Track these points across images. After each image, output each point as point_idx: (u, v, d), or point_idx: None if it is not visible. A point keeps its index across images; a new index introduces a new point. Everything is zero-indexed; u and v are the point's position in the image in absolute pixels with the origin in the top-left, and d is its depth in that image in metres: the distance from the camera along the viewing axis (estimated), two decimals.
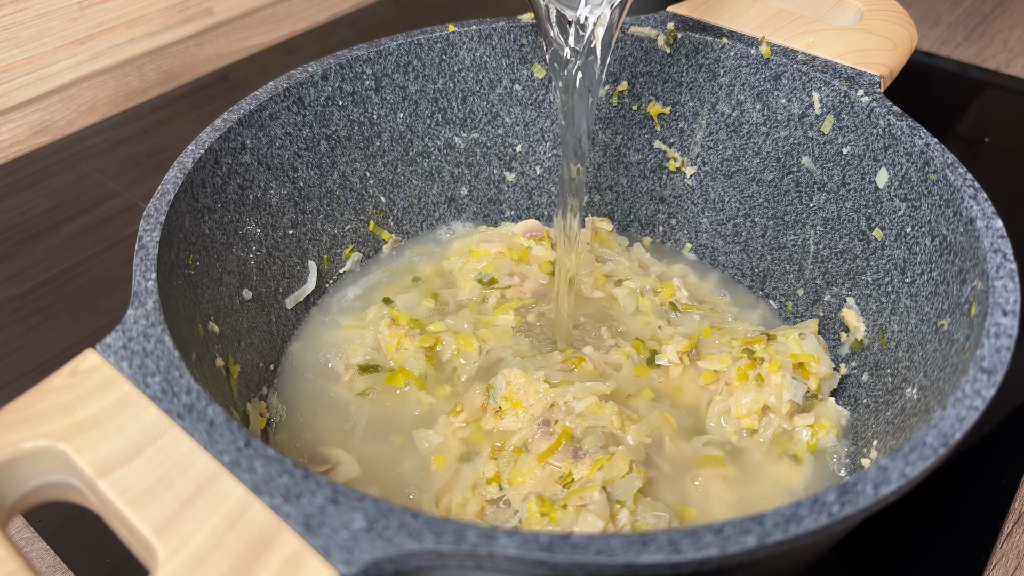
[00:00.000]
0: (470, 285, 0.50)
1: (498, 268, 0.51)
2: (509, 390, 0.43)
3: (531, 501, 0.37)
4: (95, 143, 0.75)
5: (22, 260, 0.62)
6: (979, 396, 0.29)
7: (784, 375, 0.43)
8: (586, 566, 0.24)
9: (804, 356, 0.44)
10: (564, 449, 0.39)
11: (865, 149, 0.45)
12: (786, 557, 0.30)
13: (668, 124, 0.54)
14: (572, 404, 0.42)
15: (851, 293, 0.47)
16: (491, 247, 0.51)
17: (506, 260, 0.51)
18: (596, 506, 0.36)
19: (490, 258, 0.51)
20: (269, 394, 0.45)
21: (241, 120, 0.43)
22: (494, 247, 0.51)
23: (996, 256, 0.35)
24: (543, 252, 0.52)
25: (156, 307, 0.32)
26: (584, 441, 0.40)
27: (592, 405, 0.41)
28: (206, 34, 0.85)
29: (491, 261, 0.51)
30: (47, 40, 0.73)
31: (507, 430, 0.42)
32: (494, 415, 0.43)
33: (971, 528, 0.43)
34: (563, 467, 0.39)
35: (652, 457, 0.41)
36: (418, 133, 0.53)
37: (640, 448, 0.41)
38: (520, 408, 0.42)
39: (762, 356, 0.44)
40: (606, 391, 0.43)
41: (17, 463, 0.27)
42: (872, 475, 0.27)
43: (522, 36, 0.52)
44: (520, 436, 0.41)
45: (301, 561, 0.24)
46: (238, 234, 0.44)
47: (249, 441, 0.27)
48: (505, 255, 0.51)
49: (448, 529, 0.24)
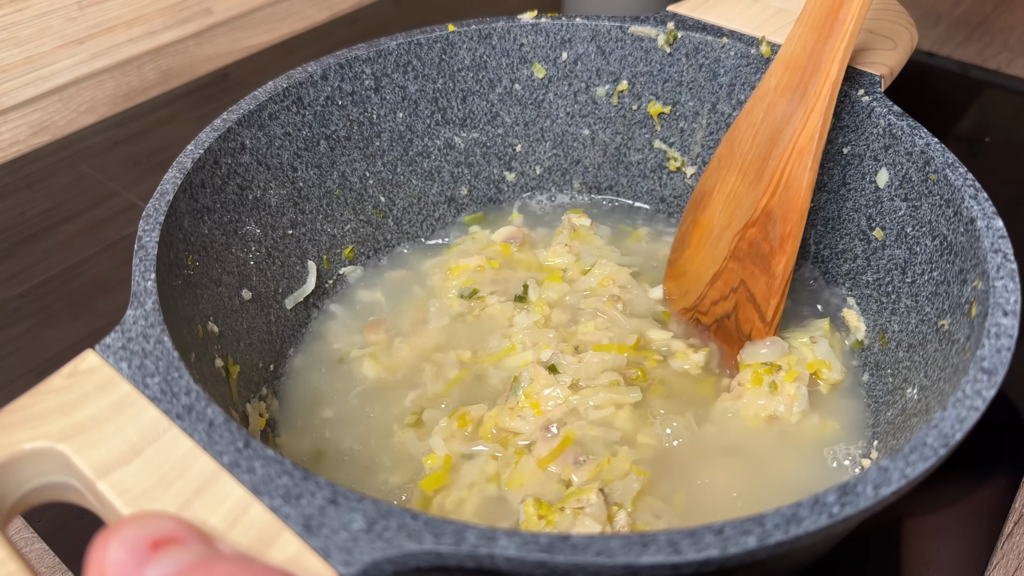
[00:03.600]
0: (456, 302, 0.50)
1: (478, 281, 0.50)
2: (531, 387, 0.42)
3: (528, 504, 0.37)
4: (94, 143, 0.75)
5: (21, 260, 0.62)
6: (979, 397, 0.29)
7: (799, 387, 0.43)
8: (586, 567, 0.24)
9: (817, 363, 0.44)
10: (565, 455, 0.39)
11: (865, 149, 0.45)
12: (786, 557, 0.30)
13: (668, 124, 0.54)
14: (589, 412, 0.41)
15: (851, 293, 0.47)
16: (469, 262, 0.51)
17: (487, 271, 0.51)
18: (593, 509, 0.36)
19: (469, 272, 0.51)
20: (268, 395, 0.45)
21: (240, 120, 0.43)
22: (472, 261, 0.51)
23: (997, 256, 0.34)
24: (525, 256, 0.52)
25: (155, 308, 0.32)
26: (589, 446, 0.40)
27: (609, 415, 0.41)
28: (206, 34, 0.85)
29: (470, 275, 0.51)
30: (46, 40, 0.73)
31: (516, 430, 0.42)
32: (510, 412, 0.42)
33: (971, 528, 0.43)
34: (562, 473, 0.39)
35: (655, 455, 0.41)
36: (418, 133, 0.53)
37: (646, 447, 0.41)
38: (537, 410, 0.42)
39: (779, 364, 0.43)
40: (629, 402, 0.42)
41: (16, 464, 0.27)
42: (872, 476, 0.27)
43: (522, 36, 0.52)
44: (526, 437, 0.41)
45: (301, 562, 0.24)
46: (237, 234, 0.44)
47: (248, 442, 0.27)
48: (485, 267, 0.51)
49: (448, 530, 0.24)
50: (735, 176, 0.45)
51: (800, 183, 0.42)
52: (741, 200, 0.45)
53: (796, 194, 0.42)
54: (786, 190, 0.42)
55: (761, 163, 0.44)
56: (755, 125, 0.44)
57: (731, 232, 0.46)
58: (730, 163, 0.46)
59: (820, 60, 0.41)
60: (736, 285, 0.45)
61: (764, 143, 0.44)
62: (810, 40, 0.41)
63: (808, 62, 0.41)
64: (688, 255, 0.49)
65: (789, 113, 0.42)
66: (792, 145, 0.42)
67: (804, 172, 0.41)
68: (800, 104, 0.42)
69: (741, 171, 0.45)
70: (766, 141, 0.44)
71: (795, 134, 0.42)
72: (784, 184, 0.42)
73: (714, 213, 0.47)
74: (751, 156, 0.44)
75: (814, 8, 0.41)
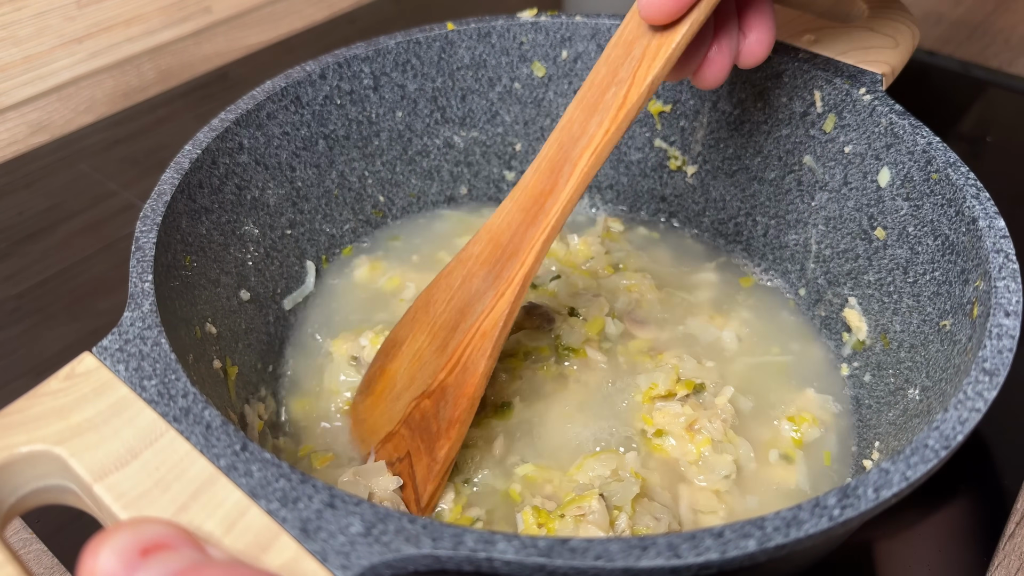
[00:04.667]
0: None
1: None
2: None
3: (527, 513, 0.37)
4: (93, 142, 0.74)
5: (20, 260, 0.61)
6: (981, 398, 0.29)
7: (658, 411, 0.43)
8: (585, 571, 0.24)
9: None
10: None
11: (867, 148, 0.44)
12: (787, 560, 0.30)
13: (669, 122, 0.54)
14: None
15: (853, 293, 0.46)
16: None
17: None
18: (595, 516, 0.36)
19: None
20: (267, 396, 0.45)
21: (238, 120, 0.43)
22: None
23: (998, 256, 0.34)
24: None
25: (153, 309, 0.32)
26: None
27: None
28: (204, 33, 0.84)
29: None
30: (45, 39, 0.72)
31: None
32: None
33: (973, 529, 0.43)
34: None
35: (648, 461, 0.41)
36: (417, 132, 0.53)
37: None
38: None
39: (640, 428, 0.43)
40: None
41: (13, 467, 0.27)
42: (873, 478, 0.26)
43: (521, 34, 0.52)
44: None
45: (298, 566, 0.24)
46: (235, 235, 0.44)
47: (246, 445, 0.27)
48: None
49: (446, 534, 0.24)
50: (425, 336, 0.42)
51: (477, 368, 0.39)
52: (424, 364, 0.42)
53: (471, 378, 0.39)
54: (463, 371, 0.39)
55: (448, 333, 0.41)
56: (452, 288, 0.41)
57: (409, 395, 0.42)
58: (424, 319, 0.42)
59: (520, 245, 0.38)
60: (403, 455, 0.41)
61: (455, 312, 0.41)
62: (516, 219, 0.39)
63: (509, 242, 0.39)
64: (369, 403, 0.44)
65: (483, 290, 0.40)
66: (477, 326, 0.39)
67: (482, 358, 0.38)
68: (493, 285, 0.39)
69: (431, 333, 0.42)
70: (457, 311, 0.41)
71: (482, 315, 0.39)
72: (462, 365, 0.39)
73: (400, 367, 0.43)
74: (442, 321, 0.41)
75: (527, 188, 0.39)
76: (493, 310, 0.38)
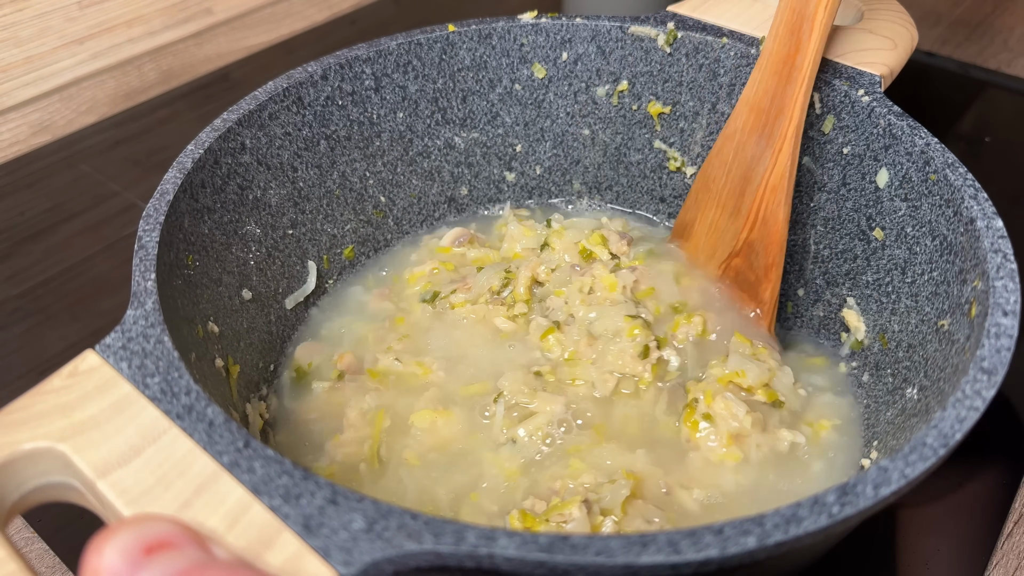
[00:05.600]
0: (419, 307, 0.50)
1: (436, 282, 0.51)
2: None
3: (513, 517, 0.37)
4: (95, 143, 0.75)
5: (21, 260, 0.62)
6: (979, 397, 0.29)
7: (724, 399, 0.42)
8: (585, 567, 0.24)
9: (730, 375, 0.43)
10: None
11: (865, 149, 0.45)
12: (786, 558, 0.30)
13: (668, 124, 0.54)
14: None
15: (851, 293, 0.47)
16: (424, 268, 0.52)
17: (442, 272, 0.52)
18: (575, 524, 0.35)
19: (426, 277, 0.51)
20: (269, 394, 0.45)
21: (240, 120, 0.43)
22: (427, 267, 0.52)
23: (996, 256, 0.34)
24: (477, 253, 0.53)
25: (155, 307, 0.32)
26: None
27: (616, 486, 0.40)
28: (206, 34, 0.85)
29: (428, 279, 0.51)
30: (47, 39, 0.73)
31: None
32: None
33: (971, 528, 0.43)
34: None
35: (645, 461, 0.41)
36: (418, 133, 0.53)
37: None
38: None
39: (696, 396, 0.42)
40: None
41: (16, 464, 0.27)
42: (872, 476, 0.27)
43: (522, 36, 0.52)
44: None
45: (300, 562, 0.24)
46: (237, 234, 0.44)
47: (248, 442, 0.27)
48: (440, 269, 0.52)
49: (447, 530, 0.24)
50: (714, 210, 0.49)
51: (777, 218, 0.45)
52: (723, 232, 0.48)
53: (774, 228, 0.45)
54: (764, 224, 0.45)
55: (737, 198, 0.47)
56: (727, 163, 0.47)
57: (716, 262, 0.49)
58: (707, 197, 0.49)
59: (783, 104, 0.43)
60: None
61: (737, 180, 0.47)
62: (771, 84, 0.44)
63: (771, 105, 0.44)
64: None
65: (758, 153, 0.45)
66: (765, 183, 0.45)
67: (779, 208, 0.44)
68: (768, 145, 0.44)
69: (719, 205, 0.48)
70: (739, 178, 0.46)
71: (767, 173, 0.45)
72: (762, 219, 0.45)
73: (699, 241, 0.50)
74: (727, 192, 0.47)
75: (772, 53, 0.44)
76: (777, 164, 0.44)
